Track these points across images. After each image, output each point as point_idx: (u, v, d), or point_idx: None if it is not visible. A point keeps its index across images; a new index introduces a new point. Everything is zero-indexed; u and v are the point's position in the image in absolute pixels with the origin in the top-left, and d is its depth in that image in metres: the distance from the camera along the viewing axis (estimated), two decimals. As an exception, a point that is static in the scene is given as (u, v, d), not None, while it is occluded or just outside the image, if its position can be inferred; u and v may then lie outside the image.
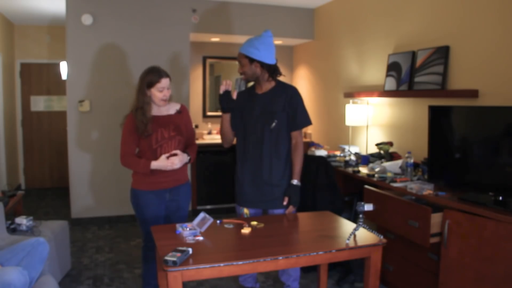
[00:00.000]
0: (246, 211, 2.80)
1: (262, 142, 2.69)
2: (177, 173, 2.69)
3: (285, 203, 2.70)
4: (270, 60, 2.66)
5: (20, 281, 2.03)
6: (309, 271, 3.46)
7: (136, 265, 3.65)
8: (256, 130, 2.70)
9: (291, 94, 2.70)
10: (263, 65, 2.64)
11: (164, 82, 2.58)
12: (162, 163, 2.57)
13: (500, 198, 2.36)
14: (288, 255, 1.95)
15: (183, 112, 2.77)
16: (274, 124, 2.67)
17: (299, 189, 2.72)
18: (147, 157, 2.62)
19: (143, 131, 2.57)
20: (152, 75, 2.56)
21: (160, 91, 2.57)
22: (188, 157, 2.68)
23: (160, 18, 4.84)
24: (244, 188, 2.77)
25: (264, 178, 2.70)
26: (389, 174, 3.24)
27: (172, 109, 2.74)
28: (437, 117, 2.86)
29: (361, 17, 4.40)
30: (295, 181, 2.69)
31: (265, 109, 2.69)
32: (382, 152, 3.74)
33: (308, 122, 2.76)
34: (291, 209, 2.71)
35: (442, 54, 3.25)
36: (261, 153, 2.70)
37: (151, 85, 2.56)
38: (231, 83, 2.72)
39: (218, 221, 2.39)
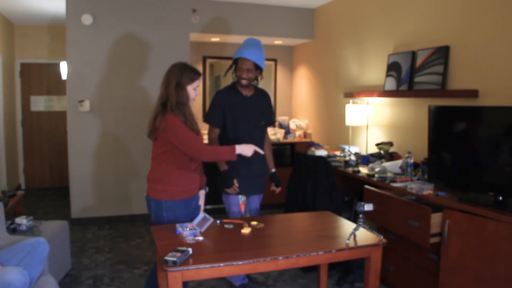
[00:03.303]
0: (244, 198, 3.12)
1: (258, 138, 3.06)
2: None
3: (274, 187, 3.19)
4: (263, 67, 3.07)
5: (20, 281, 2.04)
6: (309, 271, 3.47)
7: (136, 265, 3.65)
8: (252, 128, 3.05)
9: (267, 96, 3.21)
10: (261, 72, 3.05)
11: (200, 80, 2.43)
12: (248, 149, 2.36)
13: (500, 198, 2.36)
14: (288, 255, 1.96)
15: None
16: (263, 122, 3.12)
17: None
18: (182, 162, 2.38)
19: (195, 130, 2.34)
20: (192, 72, 2.39)
21: (194, 89, 2.41)
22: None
23: (160, 18, 4.84)
24: (245, 179, 3.05)
25: (259, 169, 3.11)
26: (389, 174, 3.24)
27: None
28: (437, 117, 2.87)
29: (361, 17, 4.40)
30: (274, 169, 3.23)
31: (257, 109, 3.08)
32: (382, 152, 3.74)
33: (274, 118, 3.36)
34: (280, 189, 3.21)
35: (442, 54, 3.25)
36: None
37: (189, 82, 2.37)
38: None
39: (218, 221, 2.40)
